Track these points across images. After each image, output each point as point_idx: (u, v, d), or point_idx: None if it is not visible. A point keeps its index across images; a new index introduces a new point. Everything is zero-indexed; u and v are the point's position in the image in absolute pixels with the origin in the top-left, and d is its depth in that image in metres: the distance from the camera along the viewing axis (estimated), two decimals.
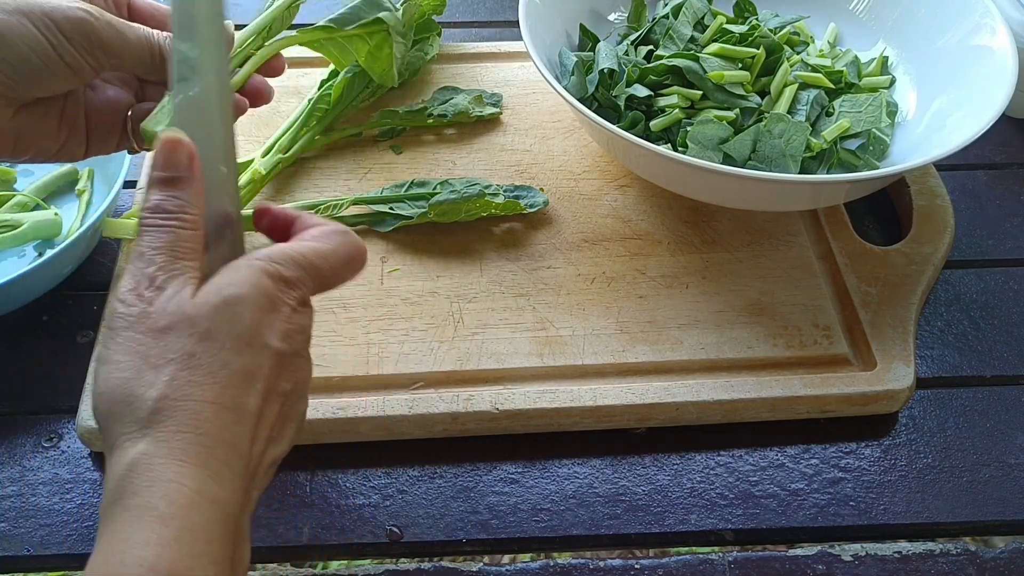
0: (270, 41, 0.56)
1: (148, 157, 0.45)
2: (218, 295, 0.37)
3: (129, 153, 0.55)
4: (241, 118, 0.50)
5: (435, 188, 0.65)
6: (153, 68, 0.47)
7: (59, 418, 0.56)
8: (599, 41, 0.70)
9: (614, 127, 0.58)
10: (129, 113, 0.50)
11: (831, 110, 0.66)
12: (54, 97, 0.47)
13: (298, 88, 0.75)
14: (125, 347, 0.36)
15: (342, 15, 0.63)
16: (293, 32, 0.60)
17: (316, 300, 0.60)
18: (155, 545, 0.32)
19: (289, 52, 0.57)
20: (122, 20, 0.46)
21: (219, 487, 0.34)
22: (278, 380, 0.39)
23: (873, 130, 0.64)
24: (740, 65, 0.66)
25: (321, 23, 0.63)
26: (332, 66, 0.71)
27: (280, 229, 0.43)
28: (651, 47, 0.69)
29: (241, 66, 0.53)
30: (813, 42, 0.72)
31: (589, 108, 0.60)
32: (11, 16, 0.42)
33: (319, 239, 0.41)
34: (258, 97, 0.53)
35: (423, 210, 0.64)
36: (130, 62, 0.46)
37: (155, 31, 0.47)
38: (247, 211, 0.45)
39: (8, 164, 0.67)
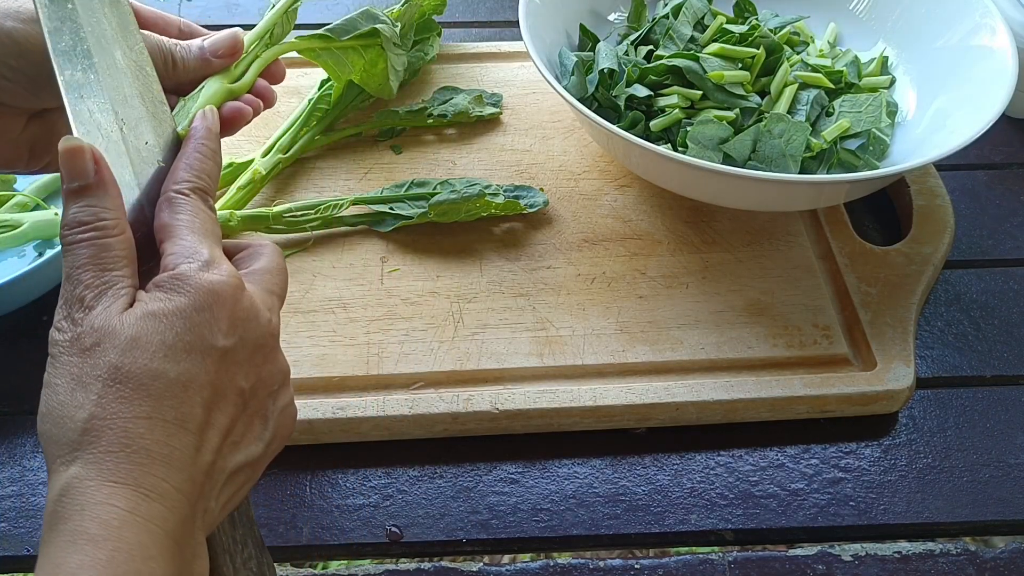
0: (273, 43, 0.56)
1: None
2: (147, 303, 0.36)
3: None
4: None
5: (435, 188, 0.65)
6: (165, 74, 0.46)
7: None
8: (599, 41, 0.70)
9: (614, 127, 0.58)
10: None
11: (831, 110, 0.66)
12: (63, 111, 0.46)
13: (298, 88, 0.75)
14: (61, 371, 0.35)
15: (338, 25, 0.63)
16: (292, 37, 0.60)
17: (316, 301, 0.60)
18: (88, 568, 0.31)
19: (289, 52, 0.57)
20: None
21: (156, 504, 0.33)
22: (231, 380, 0.37)
23: (873, 130, 0.64)
24: (740, 65, 0.66)
25: (318, 32, 0.62)
26: None
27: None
28: (651, 47, 0.69)
29: (246, 70, 0.53)
30: (813, 42, 0.72)
31: (589, 108, 0.60)
32: (25, 25, 0.42)
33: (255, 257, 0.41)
34: (263, 100, 0.52)
35: (423, 210, 0.64)
36: None
37: (165, 37, 0.46)
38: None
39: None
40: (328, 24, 0.63)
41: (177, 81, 0.46)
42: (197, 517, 0.35)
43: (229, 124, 0.47)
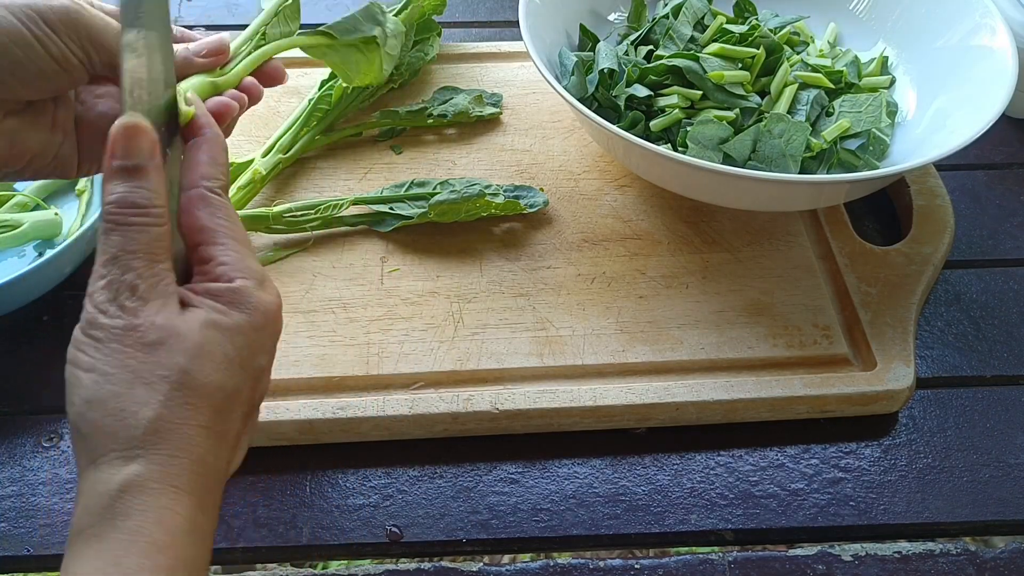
0: (267, 44, 0.55)
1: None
2: (209, 313, 0.36)
3: None
4: (241, 118, 0.50)
5: (435, 188, 0.65)
6: None
7: (59, 418, 0.56)
8: (599, 41, 0.70)
9: (614, 127, 0.58)
10: None
11: (831, 110, 0.66)
12: (44, 103, 0.44)
13: (298, 88, 0.75)
14: (113, 359, 0.34)
15: (340, 24, 0.62)
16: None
17: (316, 301, 0.60)
18: (150, 571, 0.31)
19: (289, 52, 0.57)
20: (112, 23, 0.43)
21: (205, 516, 0.34)
22: (261, 395, 0.38)
23: (873, 130, 0.64)
24: (740, 65, 0.66)
25: (319, 30, 0.62)
26: None
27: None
28: (651, 47, 0.69)
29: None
30: (813, 42, 0.72)
31: (589, 108, 0.60)
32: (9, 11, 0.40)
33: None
34: (249, 96, 0.51)
35: (423, 210, 0.64)
36: (116, 65, 0.43)
37: None
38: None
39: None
40: (326, 23, 0.63)
41: None
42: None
43: (216, 119, 0.45)
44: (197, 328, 0.35)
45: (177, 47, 0.46)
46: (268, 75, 0.51)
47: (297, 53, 0.65)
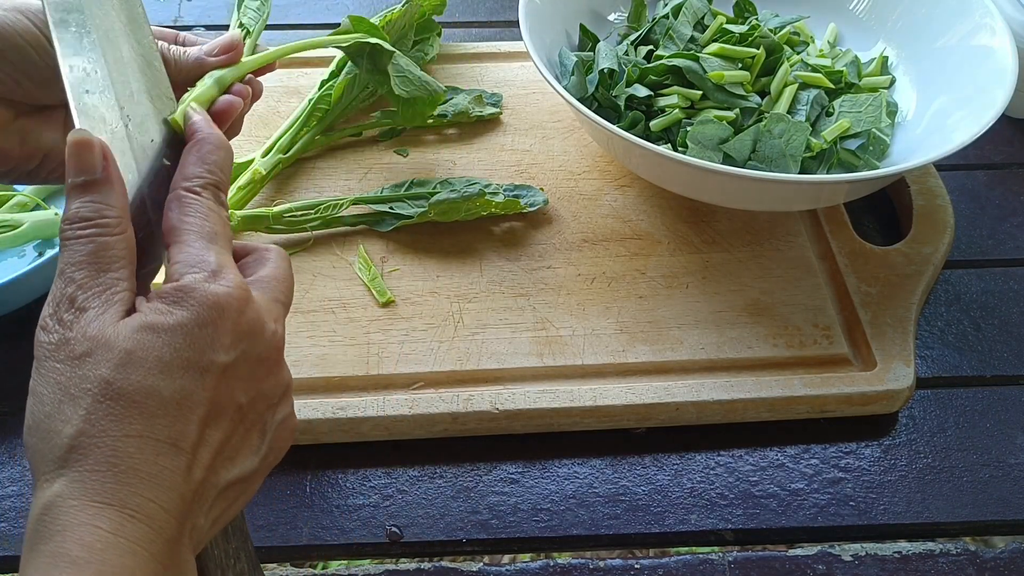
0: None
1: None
2: (146, 315, 0.34)
3: None
4: None
5: (435, 188, 0.65)
6: None
7: None
8: (599, 41, 0.70)
9: (614, 127, 0.58)
10: None
11: (831, 110, 0.66)
12: (56, 108, 0.45)
13: (298, 88, 0.75)
14: (47, 379, 0.33)
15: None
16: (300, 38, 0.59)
17: (316, 301, 0.60)
18: None
19: (305, 51, 0.56)
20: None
21: (142, 525, 0.32)
22: (231, 396, 0.35)
23: (873, 130, 0.64)
24: (740, 65, 0.66)
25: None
26: (332, 66, 0.71)
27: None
28: (651, 47, 0.69)
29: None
30: (813, 42, 0.72)
31: (589, 108, 0.60)
32: (8, 13, 0.41)
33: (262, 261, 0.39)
34: (252, 88, 0.49)
35: (423, 209, 0.64)
36: None
37: (159, 40, 0.45)
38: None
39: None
40: (328, 24, 0.63)
41: (172, 82, 0.45)
42: (184, 535, 0.33)
43: (222, 118, 0.44)
44: (127, 334, 0.33)
45: (189, 51, 0.45)
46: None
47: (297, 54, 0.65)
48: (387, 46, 0.60)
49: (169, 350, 0.33)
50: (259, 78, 0.49)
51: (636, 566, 0.51)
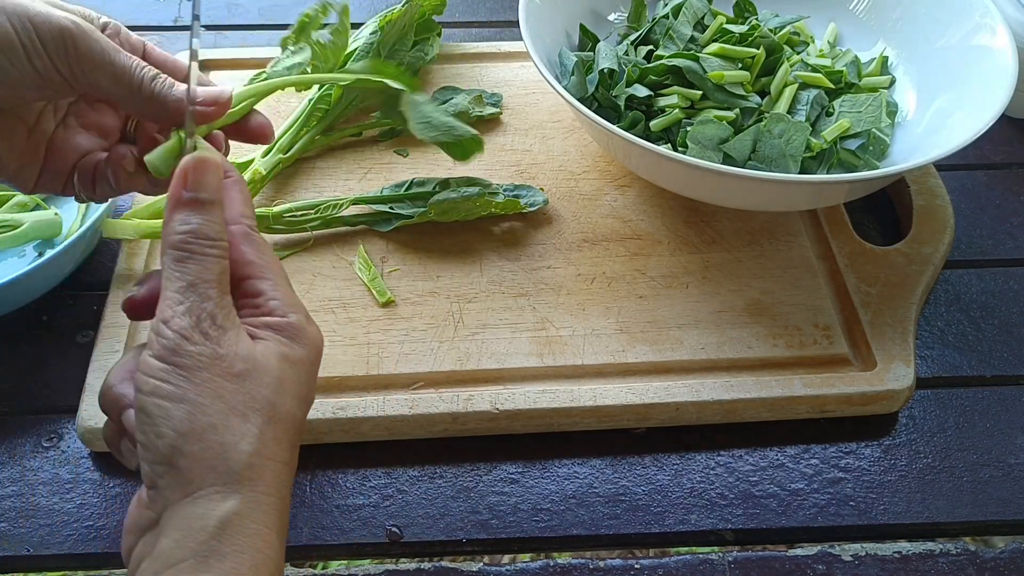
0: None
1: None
2: (278, 346, 0.37)
3: (78, 201, 0.51)
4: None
5: (435, 188, 0.65)
6: (131, 100, 0.43)
7: (59, 418, 0.56)
8: (599, 41, 0.70)
9: (614, 127, 0.58)
10: (106, 155, 0.46)
11: (831, 110, 0.66)
12: (23, 115, 0.44)
13: None
14: (205, 389, 0.34)
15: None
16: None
17: (316, 301, 0.60)
18: None
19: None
20: (114, 45, 0.43)
21: (282, 554, 0.34)
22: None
23: (873, 130, 0.64)
24: (740, 65, 0.66)
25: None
26: None
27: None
28: (651, 47, 0.69)
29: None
30: (813, 42, 0.72)
31: (589, 108, 0.60)
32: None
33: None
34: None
35: (423, 209, 0.64)
36: (108, 85, 0.43)
37: (147, 67, 0.44)
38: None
39: None
40: (326, 23, 0.63)
41: (146, 109, 0.44)
42: None
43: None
44: (275, 361, 0.36)
45: (174, 91, 0.44)
46: (253, 132, 0.48)
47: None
48: (397, 85, 0.55)
49: (302, 382, 0.37)
50: (252, 144, 0.49)
51: (636, 566, 0.51)
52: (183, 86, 0.44)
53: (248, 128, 0.48)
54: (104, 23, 0.45)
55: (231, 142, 0.48)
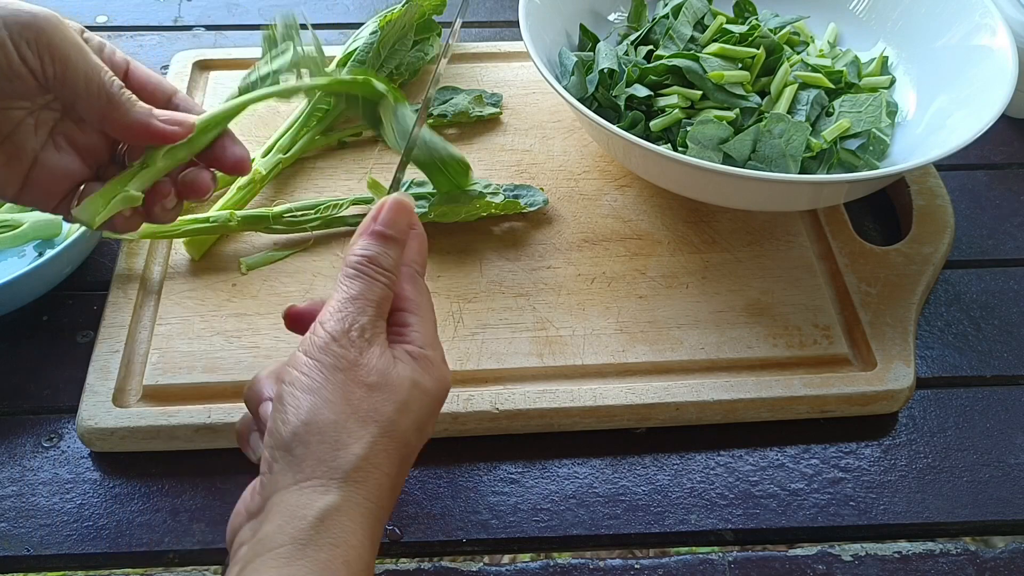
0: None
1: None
2: (412, 372, 0.39)
3: (66, 221, 0.52)
4: (242, 117, 0.49)
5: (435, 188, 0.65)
6: (91, 103, 0.43)
7: (59, 418, 0.56)
8: (599, 41, 0.70)
9: (614, 127, 0.58)
10: (81, 187, 0.47)
11: (831, 110, 0.66)
12: (11, 135, 0.44)
13: None
14: (337, 388, 0.37)
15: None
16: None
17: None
18: None
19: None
20: (85, 47, 0.43)
21: (372, 560, 0.36)
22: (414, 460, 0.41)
23: (873, 130, 0.64)
24: (740, 65, 0.66)
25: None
26: (332, 66, 0.71)
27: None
28: (651, 47, 0.69)
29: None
30: (813, 42, 0.72)
31: (589, 108, 0.60)
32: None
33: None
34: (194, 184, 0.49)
35: (423, 210, 0.64)
36: (71, 85, 0.43)
37: (112, 76, 0.44)
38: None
39: None
40: (329, 24, 0.63)
41: (112, 124, 0.44)
42: None
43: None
44: (407, 384, 0.39)
45: (137, 110, 0.45)
46: (228, 163, 0.49)
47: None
48: (380, 86, 0.55)
49: (424, 411, 0.40)
50: (229, 174, 0.50)
51: (636, 566, 0.51)
52: (146, 106, 0.45)
53: (224, 158, 0.49)
54: (87, 37, 0.45)
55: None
